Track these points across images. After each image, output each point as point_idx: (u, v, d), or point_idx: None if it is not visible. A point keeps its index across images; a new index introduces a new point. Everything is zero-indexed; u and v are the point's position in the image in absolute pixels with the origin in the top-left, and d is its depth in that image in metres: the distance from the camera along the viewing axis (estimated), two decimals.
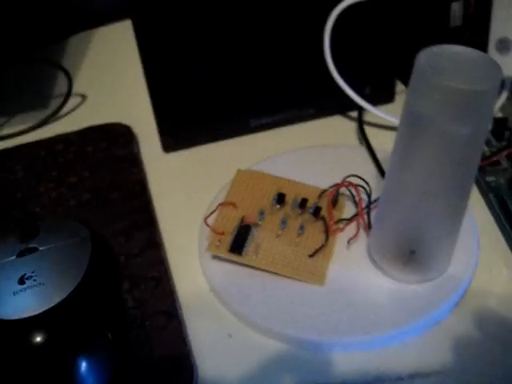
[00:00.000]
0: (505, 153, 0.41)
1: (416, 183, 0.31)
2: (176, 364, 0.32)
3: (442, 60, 0.28)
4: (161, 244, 0.39)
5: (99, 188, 0.43)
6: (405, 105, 0.30)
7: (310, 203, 0.38)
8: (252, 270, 0.36)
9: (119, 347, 0.33)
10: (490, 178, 0.41)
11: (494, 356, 0.32)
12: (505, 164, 0.42)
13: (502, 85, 0.46)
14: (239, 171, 0.40)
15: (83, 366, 0.31)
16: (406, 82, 0.50)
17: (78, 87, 0.53)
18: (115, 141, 0.47)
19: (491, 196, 0.40)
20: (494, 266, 0.36)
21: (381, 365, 0.32)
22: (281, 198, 0.38)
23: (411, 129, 0.30)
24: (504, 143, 0.43)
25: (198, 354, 0.33)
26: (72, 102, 0.52)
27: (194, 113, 0.45)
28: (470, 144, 0.29)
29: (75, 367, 0.31)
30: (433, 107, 0.28)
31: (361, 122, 0.46)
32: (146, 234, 0.39)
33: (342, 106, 0.48)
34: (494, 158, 0.41)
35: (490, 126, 0.30)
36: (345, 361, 0.32)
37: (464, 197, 0.32)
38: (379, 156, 0.42)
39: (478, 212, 0.39)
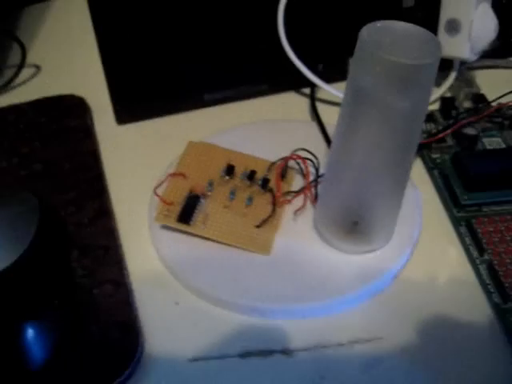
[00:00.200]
0: (450, 131, 0.42)
1: (358, 156, 0.32)
2: (122, 330, 0.33)
3: (384, 35, 0.29)
4: (111, 214, 0.39)
5: (51, 159, 0.43)
6: (348, 79, 0.31)
7: (259, 175, 0.39)
8: (200, 240, 0.36)
9: (66, 315, 0.33)
10: (435, 155, 0.42)
11: (429, 324, 0.33)
12: (450, 142, 0.43)
13: (451, 65, 0.47)
14: (190, 143, 0.41)
15: (29, 332, 0.31)
16: None
17: (32, 58, 0.53)
18: (68, 112, 0.47)
19: (436, 172, 0.41)
20: (435, 240, 0.38)
21: (323, 332, 0.33)
22: (230, 170, 0.38)
23: (354, 102, 0.31)
24: (451, 121, 0.44)
25: (145, 322, 0.34)
26: (25, 72, 0.51)
27: (147, 86, 0.45)
28: (410, 117, 0.30)
29: (20, 333, 0.31)
30: (373, 80, 0.29)
31: (313, 99, 0.46)
32: (97, 203, 0.40)
33: (296, 83, 0.48)
34: (440, 136, 0.42)
35: (429, 101, 0.31)
36: (288, 328, 0.33)
37: (405, 170, 0.33)
38: (329, 131, 0.43)
39: (422, 187, 0.40)
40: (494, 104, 0.45)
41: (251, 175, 0.38)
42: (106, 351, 0.32)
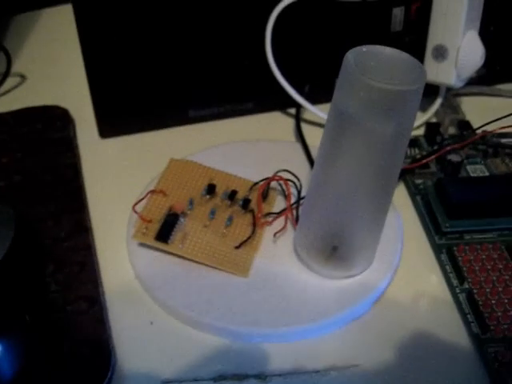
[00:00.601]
0: (434, 156, 0.42)
1: (340, 180, 0.32)
2: (94, 349, 0.32)
3: (368, 59, 0.29)
4: (89, 229, 0.39)
5: (31, 170, 0.43)
6: (332, 102, 0.31)
7: (240, 195, 0.38)
8: (178, 259, 0.36)
9: (36, 331, 0.32)
10: (418, 181, 0.42)
11: (407, 351, 0.33)
12: (433, 168, 0.43)
13: (437, 91, 0.47)
14: (172, 160, 0.40)
15: None
16: None
17: (17, 67, 0.52)
18: (51, 123, 0.47)
19: (418, 198, 0.41)
20: (415, 267, 0.37)
21: (298, 357, 0.33)
22: (211, 189, 0.38)
23: (337, 126, 0.31)
24: (435, 147, 0.44)
25: (117, 341, 0.33)
26: (10, 81, 0.51)
27: (132, 100, 0.45)
28: (393, 143, 0.30)
29: None
30: (357, 105, 0.29)
31: (298, 119, 0.46)
32: (75, 218, 0.39)
33: (282, 103, 0.48)
34: (424, 161, 0.42)
35: (412, 126, 0.31)
36: (263, 352, 0.33)
37: (387, 195, 0.33)
38: (313, 153, 0.43)
39: (405, 213, 0.40)
40: (478, 131, 0.45)
41: (232, 195, 0.38)
42: (77, 370, 0.31)
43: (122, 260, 0.37)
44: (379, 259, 0.36)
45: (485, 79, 0.52)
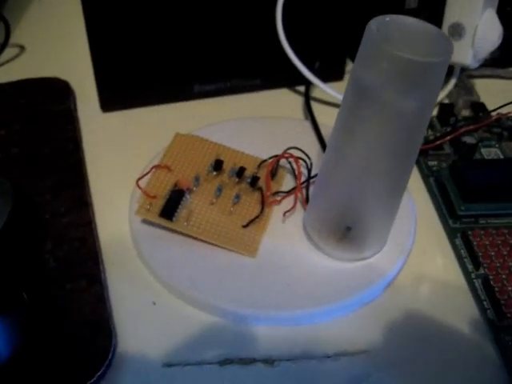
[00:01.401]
0: (448, 138, 0.41)
1: (356, 157, 0.30)
2: (94, 329, 0.31)
3: (393, 29, 0.27)
4: (90, 204, 0.37)
5: (30, 142, 0.41)
6: (350, 75, 0.29)
7: (248, 173, 0.37)
8: (182, 237, 0.34)
9: (34, 309, 0.31)
10: (432, 163, 0.41)
11: (420, 337, 0.32)
12: (447, 149, 0.41)
13: (451, 71, 0.46)
14: (177, 134, 0.38)
15: None
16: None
17: (16, 38, 0.50)
18: (51, 95, 0.45)
19: (432, 180, 0.40)
20: (429, 251, 0.36)
21: (308, 341, 0.31)
22: (218, 165, 0.36)
23: (356, 99, 0.29)
24: (448, 129, 0.43)
25: (118, 321, 0.32)
26: (9, 52, 0.49)
27: (135, 73, 0.43)
28: (414, 120, 0.28)
29: None
30: (380, 77, 0.27)
31: (307, 97, 0.45)
32: (75, 193, 0.37)
33: (290, 80, 0.46)
34: (438, 143, 0.40)
35: (435, 103, 0.29)
36: (271, 336, 0.31)
37: (405, 175, 0.31)
38: (323, 132, 0.41)
39: (417, 195, 0.39)
40: (493, 114, 0.44)
41: (240, 172, 0.36)
42: (76, 351, 0.30)
43: (123, 237, 0.35)
44: (392, 242, 0.35)
45: (498, 61, 0.50)
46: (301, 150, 0.37)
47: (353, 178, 0.31)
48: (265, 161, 0.37)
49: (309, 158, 0.37)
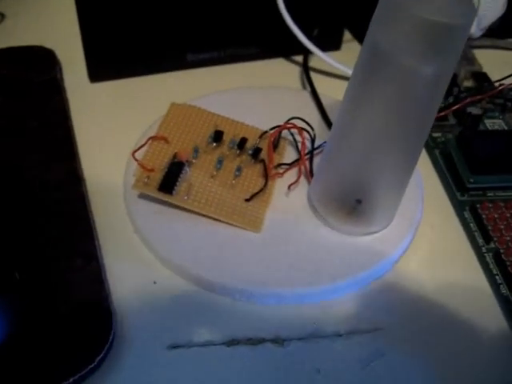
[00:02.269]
0: (454, 108, 0.39)
1: (369, 127, 0.29)
2: (92, 310, 0.29)
3: None
4: (82, 179, 0.35)
5: (15, 114, 0.38)
6: (366, 38, 0.27)
7: (250, 144, 0.35)
8: (181, 212, 0.32)
9: (28, 290, 0.29)
10: (436, 134, 0.39)
11: (431, 314, 0.31)
12: (452, 120, 0.40)
13: None
14: (173, 104, 0.36)
15: None
16: (354, 32, 0.47)
17: None
18: (35, 65, 0.42)
19: (436, 152, 0.38)
20: (437, 224, 0.35)
21: (317, 320, 0.30)
22: (218, 136, 0.34)
23: (370, 65, 0.27)
24: (452, 99, 0.41)
25: (118, 302, 0.30)
26: None
27: (126, 41, 0.40)
28: (433, 86, 0.27)
29: None
30: (399, 40, 0.26)
31: (306, 66, 0.43)
32: (66, 167, 0.35)
33: (287, 49, 0.45)
34: (442, 113, 0.39)
35: (454, 68, 0.27)
36: (279, 314, 0.30)
37: (419, 145, 0.30)
38: (324, 101, 0.40)
39: (422, 167, 0.37)
40: (496, 84, 0.42)
41: (241, 143, 0.34)
42: (74, 334, 0.28)
43: (118, 212, 0.34)
44: (400, 216, 0.33)
45: (497, 32, 0.48)
46: (304, 120, 0.35)
47: (365, 149, 0.29)
48: (266, 131, 0.35)
49: (312, 129, 0.35)
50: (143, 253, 0.32)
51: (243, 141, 0.34)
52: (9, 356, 0.27)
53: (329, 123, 0.38)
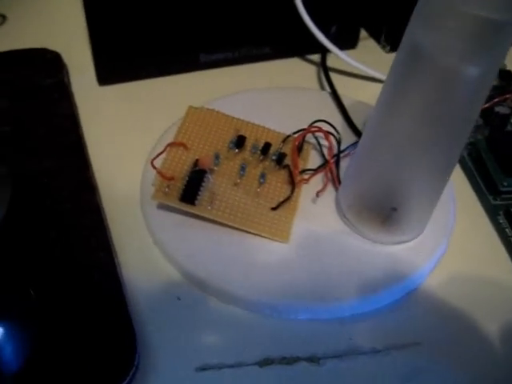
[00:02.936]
0: (485, 107, 0.37)
1: (406, 130, 0.27)
2: (113, 330, 0.27)
3: None
4: (95, 188, 0.33)
5: (21, 120, 0.36)
6: (404, 36, 0.25)
7: (273, 149, 0.33)
8: (204, 223, 0.31)
9: (44, 308, 0.27)
10: None
11: (472, 326, 0.29)
12: (479, 120, 0.38)
13: None
14: (191, 108, 0.35)
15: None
16: (369, 29, 0.45)
17: None
18: (41, 69, 0.40)
19: (464, 154, 0.37)
20: (469, 231, 0.33)
21: (353, 335, 0.28)
22: (240, 141, 0.33)
23: (409, 65, 0.26)
24: None
25: (140, 321, 0.28)
26: None
27: (136, 41, 0.39)
28: (477, 87, 0.25)
29: None
30: (441, 38, 0.24)
31: (325, 65, 0.41)
32: (78, 176, 0.34)
33: (303, 48, 0.43)
34: None
35: (497, 73, 0.26)
36: (312, 330, 0.28)
37: (458, 149, 0.28)
38: (345, 103, 0.38)
39: None
40: None
41: (265, 148, 0.33)
42: (95, 356, 0.26)
43: (137, 225, 0.32)
44: (432, 224, 0.31)
45: None
46: (329, 124, 0.33)
47: (401, 154, 0.27)
48: (289, 136, 0.34)
49: (337, 132, 0.33)
50: (164, 266, 0.30)
51: (267, 146, 0.33)
52: (28, 381, 0.25)
53: (352, 125, 0.36)
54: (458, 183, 0.35)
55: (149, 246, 0.31)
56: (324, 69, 0.41)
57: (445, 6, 0.23)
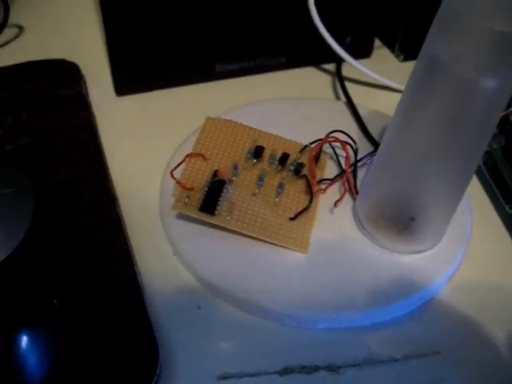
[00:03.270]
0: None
1: (423, 141, 0.27)
2: (136, 340, 0.27)
3: None
4: (115, 198, 0.33)
5: (40, 131, 0.37)
6: (423, 48, 0.26)
7: (291, 159, 0.33)
8: (223, 233, 0.31)
9: (67, 319, 0.27)
10: None
11: (490, 335, 0.29)
12: (495, 129, 0.38)
13: None
14: (209, 119, 0.35)
15: (25, 341, 0.26)
16: (383, 38, 0.46)
17: (15, 17, 0.46)
18: (59, 79, 0.41)
19: (481, 163, 0.37)
20: (486, 240, 0.33)
21: (371, 344, 0.28)
22: (258, 152, 0.33)
23: (427, 76, 0.26)
24: None
25: (161, 330, 0.28)
26: (7, 33, 0.44)
27: (152, 52, 0.39)
28: (495, 99, 0.25)
29: (15, 343, 0.25)
30: (460, 50, 0.24)
31: (340, 75, 0.41)
32: (97, 186, 0.34)
33: (317, 57, 0.43)
34: None
35: None
36: (331, 339, 0.29)
37: (476, 160, 0.28)
38: (361, 112, 0.38)
39: None
40: None
41: (282, 159, 0.33)
42: (118, 366, 0.26)
43: (156, 234, 0.32)
44: (449, 233, 0.32)
45: None
46: (345, 134, 0.34)
47: (419, 165, 0.28)
48: (307, 146, 0.34)
49: (354, 142, 0.34)
50: (184, 276, 0.30)
51: (284, 156, 0.33)
52: None
53: (368, 135, 0.36)
54: (475, 192, 0.35)
55: (168, 255, 0.31)
56: (339, 78, 0.41)
57: (463, 19, 0.23)
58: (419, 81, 0.26)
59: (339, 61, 0.42)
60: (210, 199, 0.31)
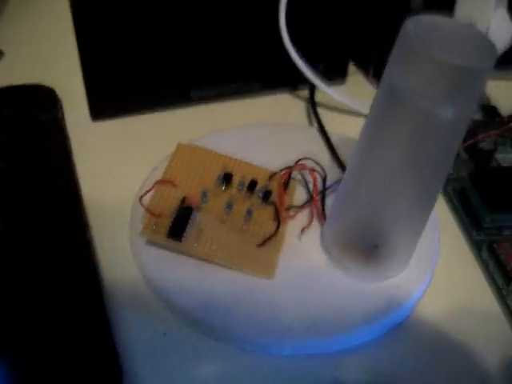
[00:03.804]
0: (467, 144, 0.38)
1: (386, 170, 0.28)
2: (99, 368, 0.27)
3: (432, 31, 0.25)
4: (87, 225, 0.34)
5: (15, 156, 0.37)
6: (382, 79, 0.26)
7: (260, 186, 0.34)
8: (191, 259, 0.31)
9: (29, 349, 0.28)
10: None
11: (455, 362, 0.30)
12: (464, 156, 0.39)
13: None
14: (180, 145, 0.35)
15: None
16: (358, 63, 0.46)
17: None
18: (36, 104, 0.41)
19: (449, 189, 0.37)
20: (453, 266, 0.34)
21: (336, 370, 0.29)
22: (228, 179, 0.33)
23: (387, 106, 0.26)
24: None
25: (127, 356, 0.28)
26: None
27: (128, 78, 0.40)
28: (452, 129, 0.26)
29: None
30: (416, 83, 0.25)
31: (313, 101, 0.42)
32: (70, 211, 0.34)
33: (291, 83, 0.44)
34: None
35: (474, 112, 0.27)
36: (296, 366, 0.29)
37: (437, 188, 0.29)
38: (332, 139, 0.39)
39: (436, 205, 0.36)
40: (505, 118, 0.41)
41: (251, 185, 0.33)
42: None
43: (125, 260, 0.32)
44: (416, 259, 0.32)
45: (506, 63, 0.48)
46: (314, 161, 0.34)
47: (381, 192, 0.28)
48: (275, 173, 0.34)
49: (323, 170, 0.34)
50: (152, 302, 0.31)
51: (253, 183, 0.33)
52: None
53: (338, 161, 0.37)
54: (443, 218, 0.36)
55: (137, 281, 0.31)
56: (312, 104, 0.42)
57: (419, 53, 0.24)
58: (380, 109, 0.27)
59: (313, 87, 0.42)
60: (177, 226, 0.31)
